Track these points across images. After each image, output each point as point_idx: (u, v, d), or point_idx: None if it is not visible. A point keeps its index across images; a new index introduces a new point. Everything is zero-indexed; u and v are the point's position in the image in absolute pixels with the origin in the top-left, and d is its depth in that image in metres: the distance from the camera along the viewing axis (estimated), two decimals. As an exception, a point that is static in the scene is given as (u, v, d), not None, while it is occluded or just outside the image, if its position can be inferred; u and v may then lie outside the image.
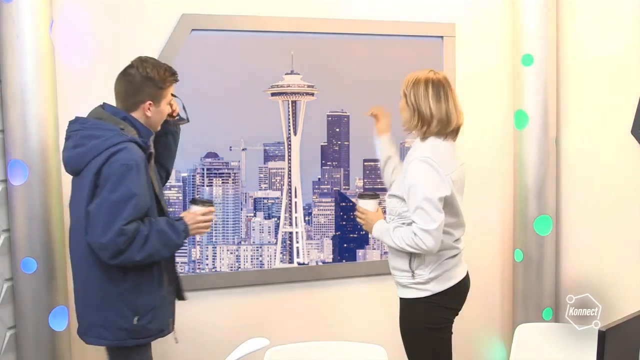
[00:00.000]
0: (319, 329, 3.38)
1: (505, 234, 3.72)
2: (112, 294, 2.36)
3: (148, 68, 2.42)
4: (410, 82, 2.56)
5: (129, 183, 2.27)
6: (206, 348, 3.23)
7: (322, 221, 3.46)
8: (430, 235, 2.42)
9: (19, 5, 2.68)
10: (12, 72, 2.71)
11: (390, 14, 3.43)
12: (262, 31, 3.23)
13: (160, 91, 2.44)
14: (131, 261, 2.30)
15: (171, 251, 2.42)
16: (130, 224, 2.28)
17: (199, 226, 2.47)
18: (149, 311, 2.41)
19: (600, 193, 3.41)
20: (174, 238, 2.38)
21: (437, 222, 2.43)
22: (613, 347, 1.79)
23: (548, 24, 3.40)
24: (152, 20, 3.08)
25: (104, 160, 2.29)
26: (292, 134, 3.37)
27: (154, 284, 2.42)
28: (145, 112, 2.43)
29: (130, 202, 2.27)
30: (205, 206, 2.49)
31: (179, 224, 2.41)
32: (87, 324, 2.43)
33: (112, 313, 2.37)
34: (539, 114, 3.42)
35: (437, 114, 2.52)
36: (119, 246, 2.26)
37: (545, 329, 2.66)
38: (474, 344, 3.74)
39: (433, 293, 2.55)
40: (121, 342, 2.39)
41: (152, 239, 2.32)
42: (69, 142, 2.40)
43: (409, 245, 2.47)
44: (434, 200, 2.44)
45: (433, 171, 2.47)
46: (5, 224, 2.82)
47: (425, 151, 2.51)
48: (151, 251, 2.32)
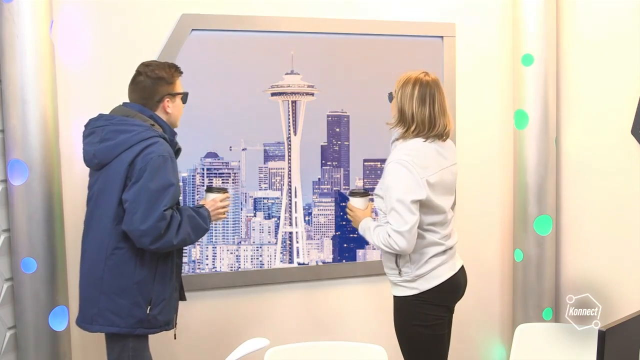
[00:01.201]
0: (319, 329, 3.38)
1: (505, 234, 3.72)
2: (129, 282, 2.46)
3: (155, 69, 2.55)
4: (400, 82, 2.58)
5: (166, 173, 2.42)
6: (206, 348, 3.23)
7: (322, 221, 3.46)
8: (402, 237, 2.43)
9: (19, 5, 2.68)
10: (12, 72, 2.71)
11: (390, 14, 3.43)
12: (262, 31, 3.23)
13: (172, 86, 2.58)
14: (169, 245, 2.43)
15: (199, 236, 2.55)
16: (168, 210, 2.41)
17: (219, 212, 2.63)
18: (160, 302, 2.50)
19: (600, 193, 3.41)
20: (201, 223, 2.53)
21: (409, 224, 2.43)
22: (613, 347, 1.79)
23: (548, 24, 3.40)
24: (152, 20, 3.08)
25: (137, 153, 2.41)
26: (292, 134, 3.37)
27: (167, 276, 2.53)
28: (166, 109, 2.57)
29: (168, 190, 2.41)
30: (222, 193, 2.65)
31: (202, 211, 2.57)
32: (97, 311, 2.48)
33: (128, 302, 2.46)
34: (539, 114, 3.42)
35: (419, 117, 2.52)
36: (159, 231, 2.38)
37: (545, 329, 2.66)
38: (474, 344, 3.74)
39: (421, 291, 2.55)
40: (132, 330, 2.48)
41: (184, 223, 2.46)
42: (93, 137, 2.50)
43: (384, 244, 2.50)
44: (407, 202, 2.43)
45: (408, 174, 2.46)
46: (5, 224, 2.82)
47: (402, 154, 2.50)
48: (184, 235, 2.46)
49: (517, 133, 3.49)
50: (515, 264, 3.56)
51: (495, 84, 3.64)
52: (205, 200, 2.65)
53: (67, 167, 2.93)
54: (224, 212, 2.66)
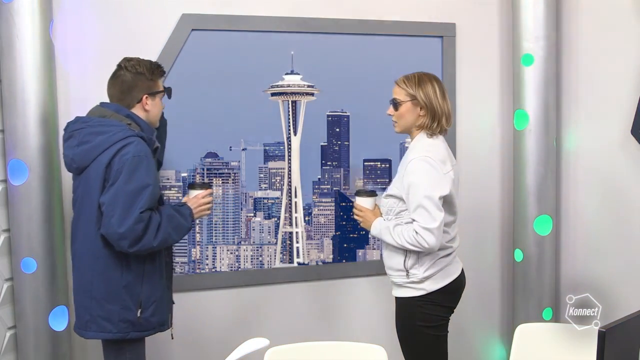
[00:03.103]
0: (319, 329, 3.38)
1: (505, 234, 3.72)
2: (117, 286, 2.42)
3: (136, 65, 2.51)
4: (414, 83, 2.59)
5: (142, 174, 2.37)
6: (206, 348, 3.23)
7: (322, 221, 3.46)
8: (431, 234, 2.45)
9: (19, 5, 2.68)
10: (12, 72, 2.71)
11: (390, 14, 3.42)
12: (262, 31, 3.23)
13: (152, 83, 2.54)
14: (149, 247, 2.38)
15: (181, 235, 2.51)
16: (145, 211, 2.37)
17: (202, 208, 2.58)
18: (151, 303, 2.47)
19: (600, 193, 3.41)
20: (182, 222, 2.48)
21: (438, 221, 2.45)
22: (613, 347, 1.79)
23: (548, 24, 3.40)
24: (152, 20, 3.08)
25: (113, 154, 2.37)
26: (292, 134, 3.37)
27: (156, 275, 2.49)
28: (144, 106, 2.53)
29: (145, 191, 2.36)
30: (204, 189, 2.60)
31: (183, 209, 2.53)
32: (90, 317, 2.45)
33: (117, 306, 2.42)
34: (539, 114, 3.42)
35: (446, 110, 2.59)
36: (137, 233, 2.34)
37: (545, 329, 2.66)
38: (474, 344, 3.74)
39: (428, 292, 2.56)
40: (124, 334, 2.44)
41: (164, 224, 2.41)
42: (72, 140, 2.45)
43: (410, 243, 2.48)
44: (435, 198, 2.46)
45: (433, 170, 2.49)
46: (5, 224, 2.82)
47: (424, 150, 2.53)
48: (165, 236, 2.41)
49: (517, 133, 3.49)
50: (515, 264, 3.56)
51: (495, 84, 3.64)
52: (188, 197, 2.61)
53: (67, 167, 2.93)
54: (207, 208, 2.60)
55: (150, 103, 2.53)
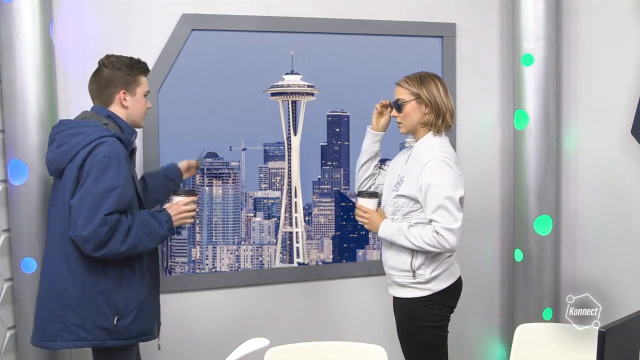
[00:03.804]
0: (319, 329, 3.38)
1: (505, 234, 3.72)
2: (92, 292, 2.34)
3: (114, 61, 2.47)
4: (416, 82, 2.59)
5: (111, 175, 2.29)
6: (206, 348, 3.23)
7: (322, 221, 3.46)
8: (453, 234, 2.46)
9: (19, 5, 2.68)
10: (12, 72, 2.71)
11: (390, 14, 3.42)
12: (262, 31, 3.23)
13: (131, 78, 2.48)
14: (115, 252, 2.29)
15: (155, 242, 2.41)
16: (112, 214, 2.27)
17: (182, 216, 2.48)
18: (130, 311, 2.38)
19: (600, 193, 3.41)
20: (157, 228, 2.39)
21: (459, 221, 2.48)
22: (613, 347, 1.78)
23: (548, 24, 3.40)
24: (153, 20, 3.08)
25: (86, 154, 2.31)
26: (292, 134, 3.37)
27: (135, 283, 2.40)
28: (122, 102, 2.47)
29: (112, 193, 2.27)
30: (187, 196, 2.52)
31: (161, 215, 2.43)
32: (62, 326, 2.35)
33: (92, 312, 2.33)
34: (539, 114, 3.42)
35: (450, 107, 2.60)
36: (101, 237, 2.25)
37: (545, 329, 2.66)
38: (474, 344, 3.74)
39: (433, 292, 2.56)
40: (100, 342, 2.35)
41: (134, 229, 2.32)
42: (53, 144, 2.42)
43: (429, 244, 2.48)
44: (456, 199, 2.48)
45: (452, 171, 2.51)
46: (5, 224, 2.82)
47: (440, 151, 2.53)
48: (134, 242, 2.32)
49: (517, 133, 3.49)
50: (515, 264, 3.56)
51: (495, 84, 3.64)
52: (171, 203, 2.53)
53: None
54: (189, 216, 2.50)
55: (129, 99, 2.47)
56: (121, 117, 2.47)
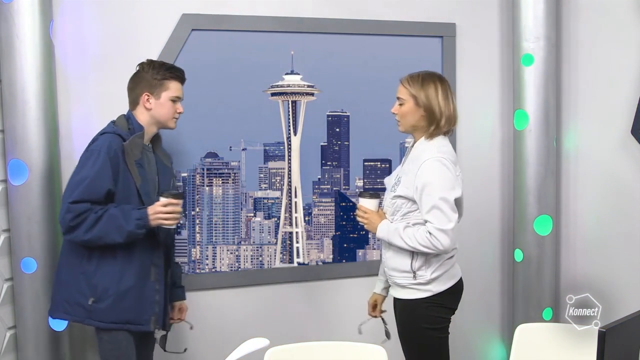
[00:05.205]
0: (319, 329, 3.38)
1: (505, 234, 3.72)
2: (77, 271, 2.52)
3: (145, 65, 2.63)
4: (417, 83, 2.56)
5: (87, 166, 2.45)
6: (206, 348, 3.22)
7: (322, 221, 3.46)
8: (446, 235, 2.44)
9: (19, 5, 2.68)
10: (12, 72, 2.71)
11: (391, 14, 3.42)
12: (262, 31, 3.23)
13: (155, 82, 2.58)
14: (80, 240, 2.45)
15: (123, 237, 2.45)
16: (79, 203, 2.42)
17: (159, 217, 2.47)
18: (108, 296, 2.49)
19: (600, 193, 3.41)
20: (123, 224, 2.43)
21: (453, 222, 2.46)
22: (613, 347, 1.79)
23: (548, 24, 3.40)
24: (153, 20, 3.08)
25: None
26: (292, 134, 3.37)
27: (116, 271, 2.50)
28: (145, 104, 2.59)
29: (82, 183, 2.43)
30: (169, 198, 2.48)
31: (134, 212, 2.46)
32: (57, 299, 2.57)
33: (74, 289, 2.51)
34: (539, 114, 3.42)
35: (446, 112, 2.56)
36: (67, 223, 2.42)
37: (545, 329, 2.66)
38: (474, 344, 3.74)
39: (434, 293, 2.55)
40: (80, 319, 2.54)
41: (102, 221, 2.43)
42: None
43: (423, 245, 2.46)
44: (450, 200, 2.46)
45: (448, 171, 2.49)
46: (5, 224, 2.82)
47: (437, 151, 2.51)
48: (100, 233, 2.43)
49: (517, 133, 3.49)
50: (515, 264, 3.56)
51: (495, 84, 3.64)
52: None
53: (67, 167, 2.92)
54: (166, 217, 2.47)
55: (152, 102, 2.58)
56: (142, 118, 2.59)
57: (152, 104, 2.58)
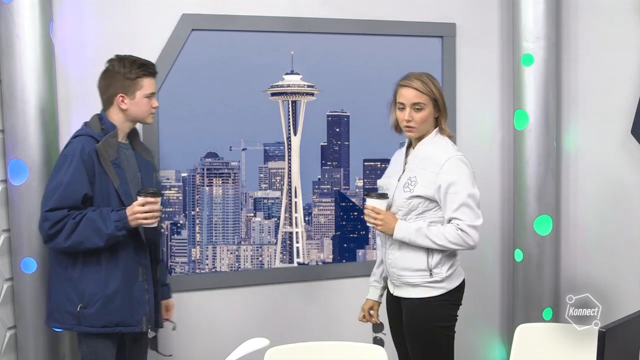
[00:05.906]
0: (319, 329, 3.38)
1: (505, 234, 3.72)
2: (63, 279, 2.49)
3: (115, 62, 2.53)
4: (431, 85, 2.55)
5: (61, 172, 2.42)
6: (205, 348, 3.22)
7: (322, 221, 3.46)
8: (476, 231, 2.48)
9: (19, 5, 2.68)
10: (12, 72, 2.71)
11: (390, 14, 3.42)
12: (262, 31, 3.23)
13: (129, 82, 2.52)
14: (61, 247, 2.42)
15: (103, 240, 2.40)
16: (55, 210, 2.39)
17: (137, 217, 2.41)
18: (96, 301, 2.46)
19: (600, 193, 3.41)
20: (102, 226, 2.39)
21: (481, 218, 2.50)
22: (613, 347, 1.78)
23: (548, 24, 3.40)
24: (153, 20, 3.08)
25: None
26: (292, 134, 3.37)
27: (100, 275, 2.46)
28: (120, 105, 2.53)
29: (56, 190, 2.40)
30: (147, 196, 2.43)
31: (112, 214, 2.41)
32: (49, 309, 2.57)
33: (63, 298, 2.49)
34: (539, 114, 3.42)
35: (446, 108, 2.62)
36: (45, 231, 2.40)
37: (545, 329, 2.66)
38: (474, 344, 3.74)
39: (447, 290, 2.55)
40: (70, 327, 2.51)
41: (81, 226, 2.39)
42: None
43: (453, 242, 2.47)
44: (477, 197, 2.51)
45: (469, 170, 2.54)
46: (5, 224, 2.82)
47: (455, 150, 2.56)
48: (80, 238, 2.39)
49: (517, 133, 3.49)
50: (515, 264, 3.56)
51: (495, 84, 3.64)
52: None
53: (67, 167, 2.92)
54: (145, 217, 2.41)
55: (127, 102, 2.52)
56: (115, 117, 2.53)
57: (128, 104, 2.51)
